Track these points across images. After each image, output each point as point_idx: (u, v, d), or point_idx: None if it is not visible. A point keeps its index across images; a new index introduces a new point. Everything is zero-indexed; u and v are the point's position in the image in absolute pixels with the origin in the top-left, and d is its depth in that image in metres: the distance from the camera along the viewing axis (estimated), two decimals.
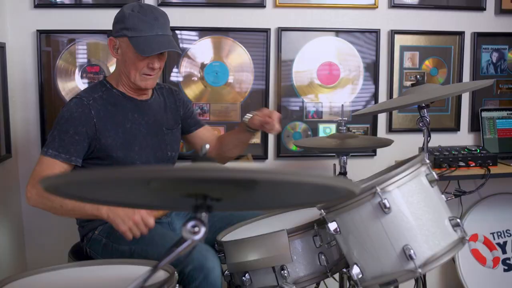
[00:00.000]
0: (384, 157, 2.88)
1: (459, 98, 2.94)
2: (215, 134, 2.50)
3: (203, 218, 1.11)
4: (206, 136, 2.44)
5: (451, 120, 2.97)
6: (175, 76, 2.75)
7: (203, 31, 2.74)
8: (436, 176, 1.67)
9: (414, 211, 1.62)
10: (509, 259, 2.98)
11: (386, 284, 1.62)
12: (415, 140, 2.82)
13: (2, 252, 2.51)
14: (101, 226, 2.12)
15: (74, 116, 2.02)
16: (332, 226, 1.70)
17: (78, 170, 2.01)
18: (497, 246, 2.96)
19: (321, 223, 1.88)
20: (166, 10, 2.18)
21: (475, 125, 2.96)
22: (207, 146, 1.18)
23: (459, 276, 2.93)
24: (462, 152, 2.69)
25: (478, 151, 2.70)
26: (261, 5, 2.75)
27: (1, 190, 2.50)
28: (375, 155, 2.92)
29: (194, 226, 1.09)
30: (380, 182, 1.60)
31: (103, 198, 1.19)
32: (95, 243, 2.13)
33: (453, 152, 2.67)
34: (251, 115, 2.24)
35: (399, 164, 1.90)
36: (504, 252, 2.97)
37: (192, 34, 2.75)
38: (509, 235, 2.98)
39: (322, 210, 1.73)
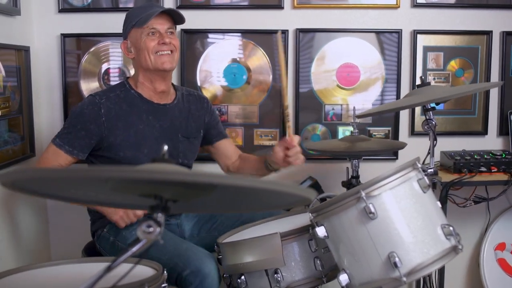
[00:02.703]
0: (406, 161, 2.78)
1: (486, 100, 2.81)
2: (237, 149, 2.49)
3: (159, 218, 1.12)
4: (228, 149, 2.44)
5: (478, 123, 2.84)
6: (194, 77, 2.78)
7: (221, 33, 2.76)
8: (428, 182, 1.61)
9: (402, 217, 1.56)
10: None
11: None
12: (439, 144, 2.72)
13: (28, 246, 2.62)
14: (110, 224, 2.18)
15: (84, 112, 2.11)
16: (320, 230, 1.67)
17: (41, 166, 2.13)
18: None
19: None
20: (185, 12, 2.22)
21: (504, 129, 2.82)
22: (166, 147, 1.19)
23: (483, 286, 2.80)
24: (485, 156, 2.56)
25: (503, 156, 2.57)
26: (279, 6, 2.74)
27: None
28: (397, 158, 2.84)
29: (149, 226, 1.11)
30: (365, 187, 1.56)
31: (64, 194, 1.22)
32: (104, 241, 2.19)
33: (475, 157, 2.55)
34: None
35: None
36: None
37: (211, 36, 2.77)
38: None
39: (311, 214, 1.70)
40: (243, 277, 1.89)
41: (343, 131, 2.81)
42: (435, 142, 1.98)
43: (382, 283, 1.54)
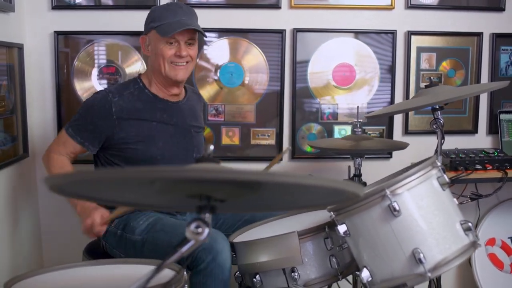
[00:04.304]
0: (400, 159, 2.84)
1: (477, 100, 2.90)
2: None
3: (207, 218, 1.11)
4: None
5: (468, 122, 2.92)
6: (191, 76, 2.76)
7: (219, 32, 2.75)
8: (447, 179, 1.65)
9: (424, 214, 1.60)
10: None
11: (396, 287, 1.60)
12: (432, 142, 2.75)
13: (20, 250, 2.54)
14: (118, 219, 2.16)
15: (94, 108, 2.13)
16: (342, 228, 1.69)
17: (84, 169, 2.09)
18: None
19: (333, 225, 1.87)
20: None
21: (493, 128, 2.91)
22: (212, 146, 1.18)
23: (475, 281, 2.89)
24: (479, 155, 2.64)
25: (496, 154, 2.65)
26: (277, 6, 2.75)
27: (19, 189, 2.53)
28: (391, 157, 2.90)
29: (197, 227, 1.09)
30: (390, 185, 1.58)
31: (108, 198, 1.20)
32: (111, 236, 2.16)
33: (470, 155, 2.63)
34: None
35: (412, 166, 1.89)
36: None
37: (208, 35, 2.75)
38: None
39: (332, 213, 1.72)
40: (258, 276, 1.90)
41: (339, 130, 2.85)
42: (443, 140, 2.02)
43: (406, 279, 1.57)
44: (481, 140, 2.93)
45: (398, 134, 2.89)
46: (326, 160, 2.85)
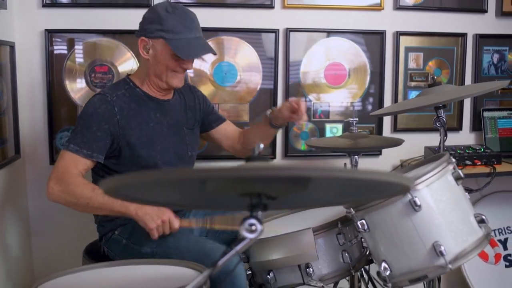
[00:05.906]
0: (389, 156, 2.93)
1: None
2: (237, 128, 2.48)
3: (260, 216, 1.13)
4: (229, 130, 2.44)
5: (453, 120, 3.03)
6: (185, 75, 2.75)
7: (212, 31, 2.75)
8: (462, 174, 1.72)
9: (442, 209, 1.66)
10: (510, 255, 3.06)
11: (416, 280, 1.66)
12: (420, 140, 2.89)
13: (9, 252, 2.47)
14: (122, 227, 2.11)
15: (98, 112, 2.01)
16: (361, 224, 1.73)
17: (136, 172, 1.96)
18: (498, 243, 3.04)
19: (345, 221, 1.92)
20: None
21: (477, 125, 3.03)
22: (262, 145, 1.19)
23: (462, 272, 3.00)
24: (467, 151, 2.75)
25: (482, 150, 2.76)
26: (270, 6, 2.77)
27: (10, 190, 2.47)
28: (380, 154, 2.97)
29: (251, 225, 1.11)
30: None
31: (159, 199, 1.19)
32: (114, 243, 2.12)
33: (458, 151, 2.73)
34: (273, 109, 2.25)
35: (417, 163, 1.95)
36: (505, 248, 3.05)
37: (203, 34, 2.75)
38: (510, 232, 3.06)
39: (351, 209, 1.75)
40: (271, 273, 1.92)
41: (331, 129, 2.90)
42: (445, 137, 2.09)
43: (427, 271, 1.63)
44: (466, 137, 3.04)
45: (387, 132, 2.96)
46: (319, 158, 2.90)
